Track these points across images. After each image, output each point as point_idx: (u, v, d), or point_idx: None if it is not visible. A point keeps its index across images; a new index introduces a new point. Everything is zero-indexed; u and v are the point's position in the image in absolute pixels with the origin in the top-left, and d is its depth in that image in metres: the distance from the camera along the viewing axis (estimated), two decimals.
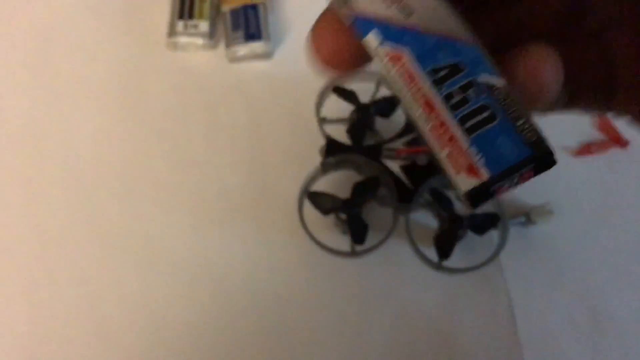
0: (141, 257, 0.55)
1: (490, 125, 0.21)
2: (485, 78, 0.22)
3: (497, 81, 0.22)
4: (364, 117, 0.53)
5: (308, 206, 0.51)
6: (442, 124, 0.22)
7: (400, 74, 0.22)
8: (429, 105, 0.22)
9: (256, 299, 0.54)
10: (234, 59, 0.61)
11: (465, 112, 0.22)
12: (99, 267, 0.54)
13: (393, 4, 0.22)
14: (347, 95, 0.54)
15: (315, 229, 0.51)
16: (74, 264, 0.54)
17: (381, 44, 0.22)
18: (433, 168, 0.51)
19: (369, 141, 0.54)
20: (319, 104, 0.54)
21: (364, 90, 0.55)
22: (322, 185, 0.54)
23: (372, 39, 0.22)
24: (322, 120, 0.54)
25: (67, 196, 0.57)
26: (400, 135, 0.52)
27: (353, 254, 0.51)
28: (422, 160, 0.51)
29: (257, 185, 0.57)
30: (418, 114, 0.22)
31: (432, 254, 0.50)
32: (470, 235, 0.51)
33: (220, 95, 0.60)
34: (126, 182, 0.57)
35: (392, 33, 0.22)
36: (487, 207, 0.52)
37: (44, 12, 0.63)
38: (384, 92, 0.56)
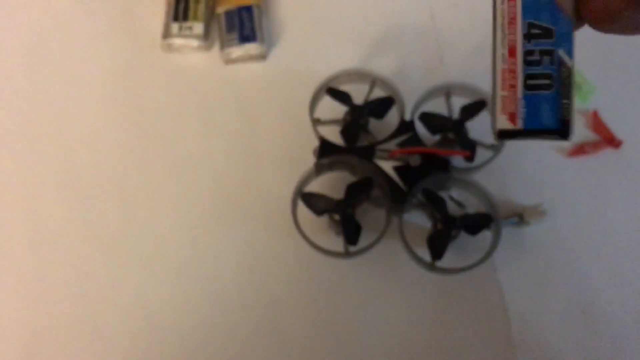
0: (136, 259, 0.55)
1: (544, 92, 0.26)
2: (563, 53, 0.26)
3: (569, 61, 0.26)
4: (357, 118, 0.53)
5: (302, 207, 0.51)
6: (513, 71, 0.27)
7: (508, 12, 0.26)
8: (512, 51, 0.26)
9: (251, 299, 0.54)
10: (229, 61, 0.62)
11: (534, 72, 0.26)
12: (94, 268, 0.55)
13: None
14: (341, 96, 0.54)
15: (309, 230, 0.52)
16: (69, 266, 0.55)
17: None
18: (426, 169, 0.51)
19: (362, 142, 0.54)
20: (312, 105, 0.55)
21: (359, 91, 0.56)
22: (316, 186, 0.54)
23: None
24: (316, 122, 0.55)
25: (62, 197, 0.57)
26: (393, 136, 0.52)
27: (346, 254, 0.51)
28: (415, 161, 0.51)
29: (251, 187, 0.57)
30: (500, 53, 0.27)
31: (425, 254, 0.50)
32: (463, 236, 0.51)
33: (215, 97, 0.61)
34: (121, 183, 0.58)
35: None
36: (480, 208, 0.53)
37: (39, 14, 0.63)
38: (378, 93, 0.56)
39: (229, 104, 0.60)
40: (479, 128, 0.54)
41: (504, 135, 0.27)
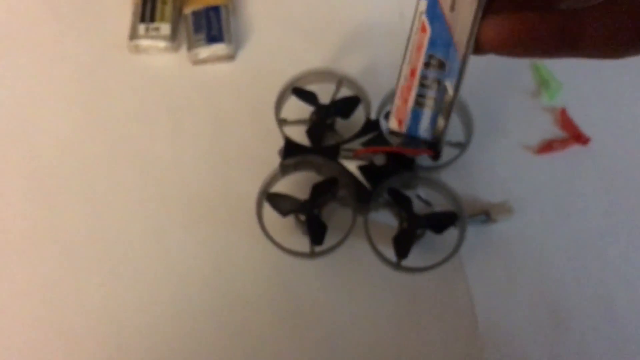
0: (102, 261, 0.55)
1: (427, 109, 0.34)
2: (448, 84, 0.34)
3: (451, 91, 0.34)
4: (323, 118, 0.53)
5: (269, 207, 0.51)
6: (410, 88, 0.34)
7: (418, 40, 0.33)
8: (413, 73, 0.34)
9: (218, 301, 0.53)
10: (196, 62, 0.61)
11: (424, 92, 0.34)
12: (59, 271, 0.54)
13: None
14: (307, 96, 0.54)
15: (277, 230, 0.51)
16: (34, 269, 0.54)
17: (424, 13, 0.32)
18: (391, 168, 0.51)
19: (330, 141, 0.54)
20: (278, 106, 0.54)
21: (326, 90, 0.56)
22: (283, 186, 0.54)
23: (422, 5, 0.32)
24: (282, 122, 0.55)
25: (27, 200, 0.56)
26: (358, 135, 0.52)
27: (312, 254, 0.51)
28: (379, 160, 0.51)
29: (219, 187, 0.57)
30: (404, 72, 0.34)
31: (391, 253, 0.50)
32: (431, 234, 0.51)
33: (183, 98, 0.60)
34: (88, 185, 0.57)
35: (434, 13, 0.32)
36: (447, 206, 0.52)
37: (3, 14, 0.63)
38: (345, 92, 0.56)
39: (196, 104, 0.60)
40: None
41: (393, 133, 0.36)
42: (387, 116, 0.52)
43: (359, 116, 0.54)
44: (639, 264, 0.53)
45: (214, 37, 0.61)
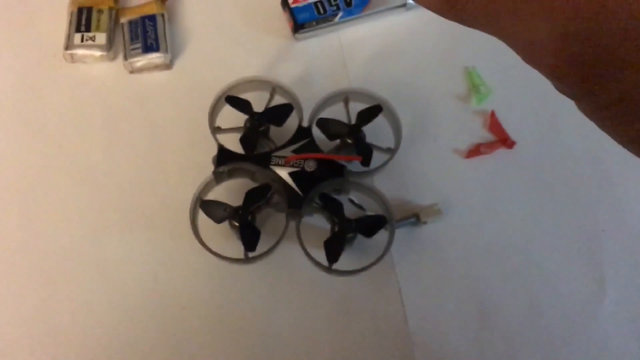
0: (38, 271, 0.55)
1: None
2: None
3: None
4: (256, 125, 0.54)
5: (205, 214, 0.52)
6: None
7: None
8: None
9: (155, 307, 0.54)
10: (133, 71, 0.62)
11: None
12: None
13: None
14: (240, 104, 0.55)
15: (213, 236, 0.52)
16: None
17: None
18: (322, 174, 0.52)
19: (264, 149, 0.55)
20: (212, 114, 0.55)
21: (262, 98, 0.57)
22: (219, 193, 0.55)
23: None
24: (217, 130, 0.55)
25: None
26: (291, 142, 0.53)
27: (246, 260, 0.52)
28: (310, 166, 0.52)
29: (155, 195, 0.57)
30: None
31: (325, 256, 0.51)
32: (364, 238, 0.52)
33: (119, 106, 0.61)
34: (24, 195, 0.57)
35: None
36: (376, 210, 0.54)
37: None
38: (279, 100, 0.57)
39: (133, 113, 0.60)
40: (376, 132, 0.56)
41: None
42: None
43: (292, 123, 0.55)
44: (560, 260, 0.56)
45: (150, 46, 0.61)
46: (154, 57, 0.61)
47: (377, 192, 0.53)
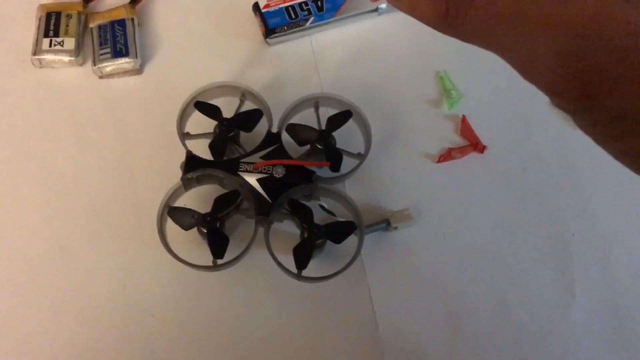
0: (5, 279, 0.54)
1: None
2: None
3: None
4: (225, 131, 0.54)
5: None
6: None
7: None
8: None
9: (124, 316, 0.54)
10: (103, 75, 0.61)
11: None
12: None
13: None
14: (209, 109, 0.55)
15: (181, 243, 0.52)
16: None
17: None
18: (290, 180, 0.52)
19: (234, 155, 0.55)
20: (181, 119, 0.55)
21: (232, 104, 0.56)
22: (189, 199, 0.55)
23: None
24: (186, 135, 0.55)
25: None
26: (259, 148, 0.53)
27: (214, 267, 0.51)
28: (279, 172, 0.52)
29: (124, 201, 0.57)
30: None
31: (294, 263, 0.51)
32: (333, 244, 0.52)
33: (89, 112, 0.60)
34: None
35: None
36: (346, 216, 0.54)
37: None
38: (248, 105, 0.57)
39: (102, 118, 0.60)
40: (347, 137, 0.56)
41: None
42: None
43: (261, 129, 0.55)
44: (530, 264, 0.56)
45: (119, 51, 0.61)
46: (124, 62, 0.61)
47: (347, 197, 0.53)
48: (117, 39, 0.61)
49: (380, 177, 0.58)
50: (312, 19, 0.62)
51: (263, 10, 0.62)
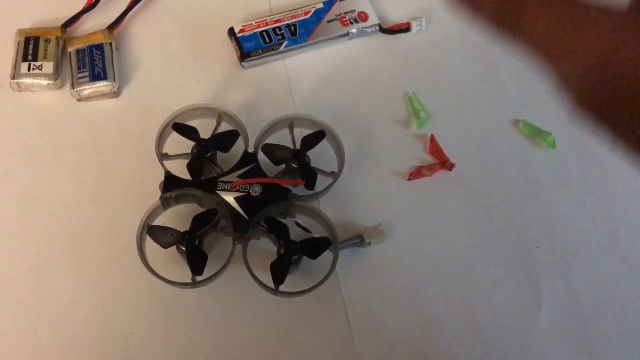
0: None
1: None
2: None
3: None
4: (203, 151, 0.56)
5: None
6: None
7: None
8: None
9: (102, 334, 0.54)
10: (81, 99, 0.62)
11: None
12: None
13: None
14: (187, 131, 0.56)
15: (161, 261, 0.53)
16: None
17: None
18: (267, 198, 0.54)
19: (211, 174, 0.56)
20: (159, 141, 0.56)
21: (209, 125, 0.58)
22: (167, 218, 0.56)
23: None
24: (164, 156, 0.57)
25: None
26: (236, 167, 0.55)
27: (193, 284, 0.53)
28: (255, 191, 0.54)
29: (103, 222, 0.58)
30: None
31: (271, 278, 0.53)
32: (311, 260, 0.54)
33: (67, 134, 0.61)
34: None
35: None
36: (321, 232, 0.56)
37: None
38: (225, 127, 0.58)
39: (81, 141, 0.61)
40: (320, 157, 0.58)
41: None
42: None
43: (238, 149, 0.57)
44: (498, 276, 0.58)
45: (97, 74, 0.62)
46: (102, 85, 0.62)
47: (322, 214, 0.55)
48: (95, 63, 0.63)
49: (353, 194, 0.60)
50: (285, 42, 0.64)
51: (238, 35, 0.64)
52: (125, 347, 0.54)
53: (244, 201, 0.54)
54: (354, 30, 0.65)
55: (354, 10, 0.65)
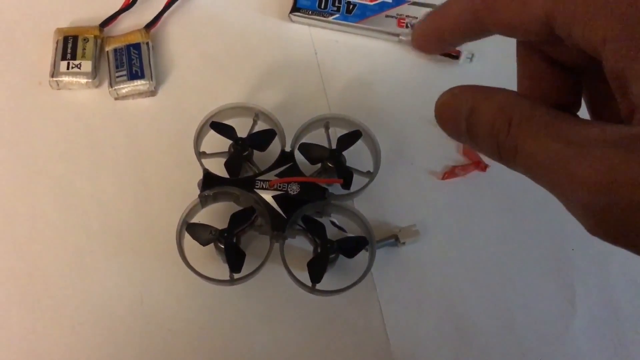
0: (24, 296, 0.56)
1: None
2: None
3: None
4: (240, 150, 0.56)
5: (190, 237, 0.54)
6: None
7: None
8: None
9: (141, 331, 0.55)
10: (119, 97, 0.63)
11: None
12: None
13: None
14: (225, 129, 0.57)
15: (198, 259, 0.54)
16: None
17: None
18: (305, 197, 0.54)
19: (248, 173, 0.57)
20: (197, 139, 0.57)
21: (245, 124, 0.59)
22: (203, 216, 0.56)
23: None
24: (202, 154, 0.57)
25: None
26: (274, 167, 0.55)
27: (232, 281, 0.53)
28: (293, 190, 0.54)
29: (141, 219, 0.59)
30: None
31: (308, 277, 0.53)
32: (345, 258, 0.54)
33: (105, 132, 0.62)
34: (9, 220, 0.58)
35: None
36: (358, 232, 0.56)
37: None
38: (262, 125, 0.59)
39: (118, 138, 0.62)
40: (356, 157, 0.58)
41: None
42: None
43: (275, 148, 0.57)
44: (533, 279, 0.58)
45: (135, 73, 0.63)
46: (139, 84, 0.63)
47: (358, 213, 0.55)
48: (133, 62, 0.63)
49: (387, 194, 0.60)
50: (337, 15, 0.65)
51: None
52: (163, 343, 0.55)
53: (281, 200, 0.54)
54: (405, 33, 0.65)
55: (416, 18, 0.65)
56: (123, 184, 0.60)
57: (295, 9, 0.66)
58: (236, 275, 0.53)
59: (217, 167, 0.56)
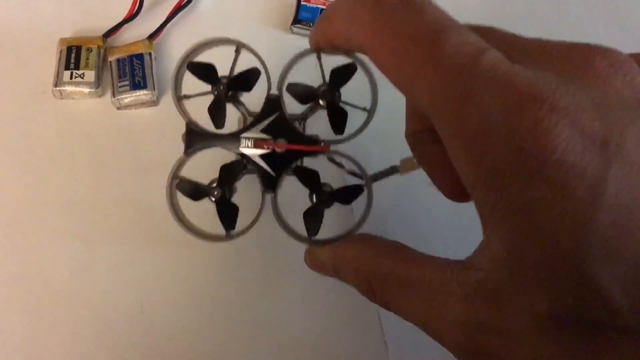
0: (24, 302, 0.55)
1: None
2: None
3: None
4: (222, 93, 0.52)
5: (182, 204, 0.50)
6: None
7: None
8: None
9: (140, 338, 0.55)
10: (121, 107, 0.64)
11: None
12: None
13: None
14: (204, 70, 0.52)
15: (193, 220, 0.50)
16: None
17: None
18: (293, 153, 0.51)
19: (237, 115, 0.54)
20: (175, 82, 0.52)
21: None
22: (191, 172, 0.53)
23: None
24: (183, 98, 0.53)
25: None
26: (259, 117, 0.52)
27: (227, 237, 0.49)
28: (281, 148, 0.51)
29: (142, 229, 0.59)
30: None
31: (303, 227, 0.48)
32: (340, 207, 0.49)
33: (107, 141, 0.62)
34: (10, 228, 0.58)
35: None
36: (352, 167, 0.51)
37: None
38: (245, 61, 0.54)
39: (120, 147, 0.62)
40: (351, 91, 0.53)
41: None
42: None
43: (259, 89, 0.52)
44: None
45: (137, 83, 0.64)
46: (142, 94, 0.64)
47: (353, 159, 0.51)
48: (136, 72, 0.65)
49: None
50: None
51: (302, 2, 0.68)
52: (161, 352, 0.53)
53: (269, 158, 0.50)
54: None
55: None
56: (124, 191, 0.59)
57: (296, 20, 0.67)
58: (232, 231, 0.49)
59: (198, 111, 0.52)
